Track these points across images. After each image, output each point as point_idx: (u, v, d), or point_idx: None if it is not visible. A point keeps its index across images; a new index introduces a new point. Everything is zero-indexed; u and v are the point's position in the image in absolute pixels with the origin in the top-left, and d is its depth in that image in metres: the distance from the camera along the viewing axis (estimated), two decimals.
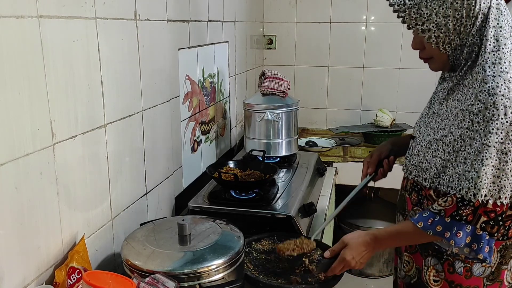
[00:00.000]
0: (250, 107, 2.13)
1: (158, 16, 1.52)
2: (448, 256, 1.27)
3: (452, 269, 1.27)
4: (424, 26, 1.18)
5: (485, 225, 1.14)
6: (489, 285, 1.27)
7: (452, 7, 1.14)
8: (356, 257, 1.26)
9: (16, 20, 0.91)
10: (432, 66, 1.28)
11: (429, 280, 1.31)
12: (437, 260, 1.29)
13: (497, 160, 1.10)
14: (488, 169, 1.10)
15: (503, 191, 1.12)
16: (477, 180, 1.11)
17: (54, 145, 1.04)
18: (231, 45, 2.37)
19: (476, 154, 1.12)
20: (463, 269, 1.26)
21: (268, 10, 3.16)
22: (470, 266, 1.25)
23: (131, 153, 1.40)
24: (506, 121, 1.09)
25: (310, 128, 3.26)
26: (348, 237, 1.30)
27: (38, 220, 1.02)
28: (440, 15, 1.16)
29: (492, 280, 1.27)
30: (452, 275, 1.27)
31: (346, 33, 3.08)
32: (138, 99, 1.42)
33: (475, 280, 1.26)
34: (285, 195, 1.72)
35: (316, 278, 1.31)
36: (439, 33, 1.17)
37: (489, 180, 1.11)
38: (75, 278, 1.05)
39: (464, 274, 1.26)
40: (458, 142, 1.16)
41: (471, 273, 1.26)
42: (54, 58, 1.02)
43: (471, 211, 1.13)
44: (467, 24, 1.15)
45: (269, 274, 1.32)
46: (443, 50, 1.20)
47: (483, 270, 1.25)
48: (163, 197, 1.65)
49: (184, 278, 1.05)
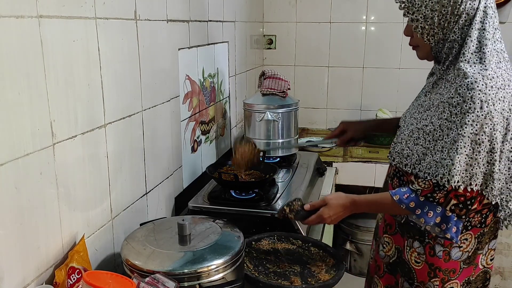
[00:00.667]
0: (250, 107, 2.13)
1: (158, 16, 1.52)
2: (430, 240, 1.36)
3: (432, 252, 1.37)
4: (413, 15, 1.27)
5: (455, 207, 1.25)
6: (465, 268, 1.38)
7: (440, 3, 1.23)
8: (333, 216, 1.37)
9: (16, 20, 0.91)
10: (418, 54, 1.37)
11: (410, 260, 1.42)
12: (420, 243, 1.39)
13: (471, 150, 1.19)
14: (462, 158, 1.20)
15: (474, 179, 1.21)
16: (451, 168, 1.21)
17: (54, 145, 1.04)
18: (231, 45, 2.37)
19: (452, 143, 1.21)
20: (443, 253, 1.35)
21: (268, 10, 3.16)
22: (448, 250, 1.35)
23: (131, 153, 1.41)
24: (481, 114, 1.17)
25: (310, 128, 3.26)
26: (329, 197, 1.40)
27: (38, 220, 1.02)
28: (428, 8, 1.25)
29: (468, 263, 1.38)
30: (433, 258, 1.37)
31: (346, 33, 3.08)
32: (138, 99, 1.42)
33: (453, 263, 1.36)
34: (285, 195, 1.73)
35: (316, 278, 1.31)
36: (425, 24, 1.27)
37: (462, 168, 1.21)
38: (75, 278, 1.05)
39: (443, 257, 1.36)
40: (437, 131, 1.25)
41: (450, 257, 1.36)
42: (54, 58, 1.02)
43: (443, 195, 1.24)
44: (451, 20, 1.24)
45: (269, 274, 1.32)
46: (427, 41, 1.30)
47: (461, 255, 1.35)
48: (163, 197, 1.65)
49: (184, 278, 1.05)
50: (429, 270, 1.38)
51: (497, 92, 1.18)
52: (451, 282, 1.37)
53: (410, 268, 1.43)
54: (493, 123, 1.18)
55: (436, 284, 1.38)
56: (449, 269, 1.36)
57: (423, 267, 1.40)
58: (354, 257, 2.97)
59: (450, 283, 1.37)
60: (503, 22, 2.88)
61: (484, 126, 1.17)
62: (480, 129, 1.18)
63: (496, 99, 1.17)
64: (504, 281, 2.65)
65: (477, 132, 1.18)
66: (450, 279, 1.37)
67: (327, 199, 1.39)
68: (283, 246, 1.49)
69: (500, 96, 1.18)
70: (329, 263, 1.39)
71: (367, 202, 1.40)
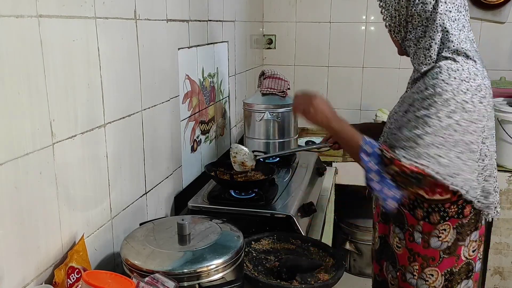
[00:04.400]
0: (250, 107, 2.13)
1: (158, 15, 1.52)
2: (409, 227, 1.43)
3: (412, 238, 1.43)
4: (384, 14, 1.41)
5: (395, 174, 1.27)
6: (445, 257, 1.42)
7: (399, 4, 1.35)
8: (317, 106, 1.42)
9: (15, 20, 0.91)
10: (397, 51, 1.49)
11: (393, 244, 1.49)
12: (400, 229, 1.46)
13: (422, 131, 1.24)
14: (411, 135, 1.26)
15: (422, 157, 1.24)
16: (399, 140, 1.29)
17: (53, 145, 1.04)
18: (230, 45, 2.37)
19: (407, 122, 1.29)
20: (421, 240, 1.41)
21: (268, 10, 3.16)
22: (427, 238, 1.40)
23: (131, 152, 1.40)
24: (439, 101, 1.23)
25: (310, 128, 3.25)
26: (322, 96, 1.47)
27: (38, 219, 1.02)
28: (393, 8, 1.37)
29: (448, 254, 1.41)
30: (412, 243, 1.43)
31: (346, 33, 3.08)
32: (137, 98, 1.42)
33: (432, 251, 1.41)
34: (284, 195, 1.72)
35: (316, 278, 1.31)
36: (391, 22, 1.40)
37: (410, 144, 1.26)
38: (75, 277, 1.05)
39: (422, 244, 1.41)
40: (395, 119, 1.38)
41: (428, 245, 1.41)
42: (53, 58, 1.02)
43: (390, 158, 1.28)
44: (408, 20, 1.36)
45: (269, 274, 1.32)
46: (394, 37, 1.43)
47: (440, 244, 1.40)
48: (163, 196, 1.65)
49: (184, 277, 1.05)
50: (409, 255, 1.45)
51: (460, 83, 1.24)
52: (430, 268, 1.42)
53: (393, 252, 1.50)
54: (449, 111, 1.23)
55: (416, 268, 1.44)
56: (428, 256, 1.42)
57: (403, 252, 1.46)
58: (354, 257, 2.97)
59: (430, 270, 1.43)
60: (502, 22, 2.88)
61: (439, 112, 1.23)
62: (435, 113, 1.24)
63: (458, 90, 1.23)
64: (504, 281, 2.65)
65: (431, 116, 1.24)
66: (429, 265, 1.42)
67: (320, 95, 1.47)
68: (283, 246, 1.49)
69: (463, 88, 1.23)
70: (329, 263, 1.39)
71: (344, 127, 1.42)
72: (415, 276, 1.44)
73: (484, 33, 2.93)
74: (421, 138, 1.25)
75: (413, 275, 1.44)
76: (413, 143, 1.26)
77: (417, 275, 1.43)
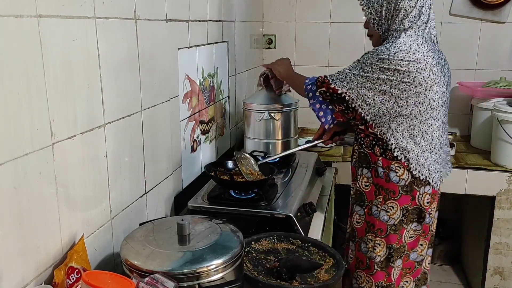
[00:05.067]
0: (250, 107, 2.13)
1: (157, 15, 1.52)
2: (373, 164, 1.73)
3: (376, 174, 1.73)
4: (369, 9, 1.68)
5: (323, 93, 1.71)
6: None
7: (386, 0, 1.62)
8: (281, 61, 2.00)
9: (15, 20, 0.91)
10: (372, 42, 1.77)
11: (361, 185, 1.80)
12: (367, 169, 1.76)
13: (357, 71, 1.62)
14: (347, 71, 1.66)
15: (350, 91, 1.63)
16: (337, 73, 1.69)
17: (53, 145, 1.04)
18: (230, 45, 2.37)
19: (350, 65, 1.68)
20: (384, 174, 1.71)
21: (268, 9, 3.16)
22: (387, 172, 1.70)
23: (131, 152, 1.40)
24: (376, 57, 1.58)
25: (309, 127, 3.25)
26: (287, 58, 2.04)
27: (37, 220, 1.02)
28: (378, 4, 1.64)
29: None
30: (377, 178, 1.73)
31: (346, 33, 3.08)
32: (137, 98, 1.42)
33: (392, 185, 1.70)
34: (284, 195, 1.72)
35: (316, 278, 1.31)
36: (375, 16, 1.67)
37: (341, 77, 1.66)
38: (74, 278, 1.05)
39: (384, 178, 1.71)
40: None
41: (389, 179, 1.70)
42: (53, 58, 1.02)
43: (321, 81, 1.72)
44: (393, 14, 1.62)
45: (269, 274, 1.32)
46: (377, 30, 1.69)
47: (398, 180, 1.69)
48: (163, 196, 1.65)
49: (184, 278, 1.05)
50: (375, 190, 1.74)
51: (397, 51, 1.55)
52: (391, 201, 1.71)
53: (361, 192, 1.79)
54: (383, 66, 1.55)
55: (380, 200, 1.73)
56: (389, 189, 1.70)
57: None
58: None
59: (391, 202, 1.71)
60: (502, 22, 2.88)
61: (374, 64, 1.57)
62: (370, 64, 1.58)
63: (394, 54, 1.54)
64: (504, 281, 2.65)
65: (367, 64, 1.59)
66: (390, 198, 1.71)
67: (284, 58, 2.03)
68: (283, 246, 1.49)
69: (400, 56, 1.54)
70: (329, 263, 1.39)
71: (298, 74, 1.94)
72: (378, 208, 1.73)
73: (484, 33, 2.93)
74: (352, 73, 1.62)
75: (377, 207, 1.73)
76: (343, 75, 1.65)
77: (380, 207, 1.73)
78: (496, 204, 2.51)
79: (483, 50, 2.96)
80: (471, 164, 2.53)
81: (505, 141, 2.43)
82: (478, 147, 2.76)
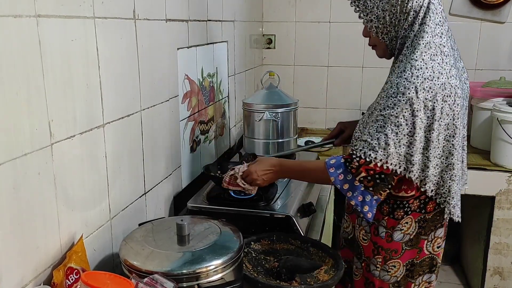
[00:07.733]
0: (249, 107, 2.13)
1: (157, 15, 1.52)
2: (374, 221, 1.46)
3: (376, 232, 1.48)
4: (368, 16, 1.39)
5: (363, 179, 1.33)
6: (407, 249, 1.47)
7: (389, 3, 1.33)
8: (259, 171, 1.52)
9: (14, 19, 0.91)
10: (377, 53, 1.50)
11: (359, 237, 1.54)
12: (366, 223, 1.50)
13: (390, 130, 1.29)
14: (381, 136, 1.30)
15: (390, 158, 1.30)
16: (370, 143, 1.31)
17: (52, 145, 1.04)
18: (230, 45, 2.37)
19: (374, 122, 1.32)
20: (385, 234, 1.46)
21: (268, 9, 3.16)
22: (391, 233, 1.46)
23: (130, 153, 1.40)
24: (403, 99, 1.27)
25: (309, 127, 3.25)
26: (261, 157, 1.62)
27: (36, 220, 1.01)
28: (380, 9, 1.36)
29: (411, 246, 1.47)
30: (376, 237, 1.48)
31: (346, 33, 3.07)
32: (136, 98, 1.42)
33: (395, 244, 1.46)
34: (284, 195, 1.72)
35: (315, 278, 1.31)
36: (378, 24, 1.38)
37: (377, 145, 1.30)
38: (73, 278, 1.05)
39: (385, 238, 1.47)
40: (371, 112, 1.39)
41: (392, 239, 1.46)
42: (52, 58, 1.02)
43: (356, 166, 1.33)
44: (401, 18, 1.34)
45: (268, 275, 1.32)
46: (382, 39, 1.41)
47: (402, 237, 1.45)
48: (162, 197, 1.65)
49: (183, 278, 1.05)
50: (373, 248, 1.50)
51: (423, 81, 1.26)
52: (393, 260, 1.48)
53: (358, 244, 1.55)
54: (413, 109, 1.27)
55: (379, 261, 1.49)
56: (391, 249, 1.47)
57: (368, 244, 1.51)
58: None
59: (392, 262, 1.48)
60: (502, 22, 2.88)
61: (403, 110, 1.27)
62: (399, 112, 1.27)
63: (420, 88, 1.26)
64: (504, 281, 2.65)
65: (397, 115, 1.28)
66: (392, 258, 1.48)
67: (259, 158, 1.60)
68: (282, 246, 1.48)
69: (426, 86, 1.26)
70: (328, 264, 1.39)
71: (295, 167, 1.58)
72: (378, 268, 1.50)
73: (484, 33, 2.93)
74: (387, 136, 1.29)
75: (376, 267, 1.50)
76: (376, 142, 1.30)
77: (380, 267, 1.49)
78: (496, 204, 2.52)
79: (483, 50, 2.96)
80: (471, 164, 2.51)
81: (504, 141, 2.44)
82: (478, 147, 2.76)
